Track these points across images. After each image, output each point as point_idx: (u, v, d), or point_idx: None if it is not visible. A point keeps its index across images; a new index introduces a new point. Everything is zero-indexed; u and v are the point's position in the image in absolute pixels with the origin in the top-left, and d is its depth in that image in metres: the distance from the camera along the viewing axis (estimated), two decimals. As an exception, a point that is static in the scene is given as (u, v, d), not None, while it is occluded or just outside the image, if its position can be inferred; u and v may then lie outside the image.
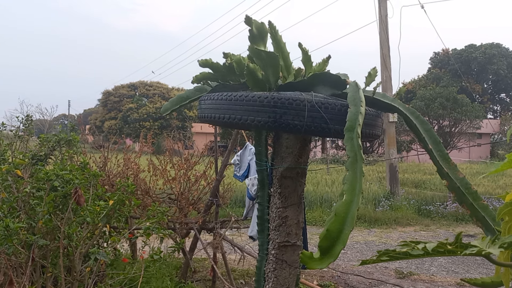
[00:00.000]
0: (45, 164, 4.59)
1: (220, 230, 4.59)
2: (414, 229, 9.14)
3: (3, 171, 2.94)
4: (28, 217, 2.78)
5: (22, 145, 4.95)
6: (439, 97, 23.01)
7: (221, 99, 1.53)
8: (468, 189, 1.40)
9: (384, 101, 1.59)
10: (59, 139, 4.85)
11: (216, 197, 4.53)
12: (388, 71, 10.87)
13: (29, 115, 5.09)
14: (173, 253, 4.07)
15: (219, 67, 1.68)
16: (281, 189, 1.70)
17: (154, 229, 3.27)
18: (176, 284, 4.68)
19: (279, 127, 1.43)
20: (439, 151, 1.47)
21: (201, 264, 5.82)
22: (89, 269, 2.98)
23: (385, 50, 10.78)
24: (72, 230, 2.79)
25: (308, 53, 1.65)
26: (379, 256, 0.78)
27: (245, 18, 1.44)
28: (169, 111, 1.85)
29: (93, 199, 3.14)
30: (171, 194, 4.76)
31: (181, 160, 4.67)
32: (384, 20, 10.63)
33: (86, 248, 3.00)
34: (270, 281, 1.70)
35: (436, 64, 38.02)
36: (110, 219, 3.15)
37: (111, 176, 4.60)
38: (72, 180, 2.94)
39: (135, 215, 4.48)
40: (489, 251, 0.70)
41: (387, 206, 10.53)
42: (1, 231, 2.51)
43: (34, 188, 2.91)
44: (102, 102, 37.96)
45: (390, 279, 5.99)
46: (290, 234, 1.69)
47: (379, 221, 9.57)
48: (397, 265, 6.49)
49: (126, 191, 3.17)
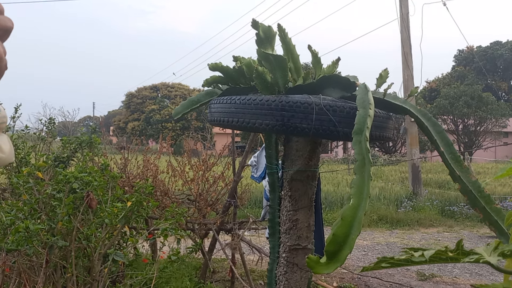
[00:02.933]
0: (67, 166, 4.70)
1: (238, 231, 4.60)
2: (437, 230, 8.98)
3: (25, 173, 3.02)
4: (49, 218, 2.84)
5: (45, 147, 5.06)
6: (464, 95, 22.53)
7: (230, 102, 1.54)
8: (480, 192, 1.37)
9: (395, 102, 1.57)
10: (80, 141, 4.95)
11: (234, 198, 4.54)
12: (409, 70, 10.70)
13: (52, 117, 5.20)
14: (191, 253, 4.10)
15: (229, 70, 1.69)
16: (292, 192, 1.69)
17: (171, 230, 3.31)
18: (196, 284, 4.71)
19: (287, 130, 1.43)
20: (451, 153, 1.44)
21: (221, 264, 5.84)
22: (107, 269, 3.03)
23: (407, 49, 10.62)
24: (90, 231, 2.84)
25: (317, 56, 1.65)
26: (378, 263, 0.77)
27: (252, 22, 1.44)
28: (180, 114, 1.87)
29: (112, 200, 3.19)
30: (190, 195, 4.80)
31: (199, 162, 4.70)
32: (405, 19, 10.47)
33: (105, 249, 3.05)
34: (281, 284, 1.69)
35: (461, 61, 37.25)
36: (129, 220, 3.20)
37: (131, 177, 4.67)
38: (91, 182, 3.00)
39: (154, 216, 4.54)
40: (487, 259, 0.69)
41: (409, 207, 10.37)
42: (22, 233, 2.57)
43: (54, 190, 2.97)
44: (125, 104, 38.55)
45: (412, 281, 5.90)
46: (301, 237, 1.68)
47: (401, 222, 9.44)
48: (419, 267, 6.39)
49: (144, 193, 3.21)
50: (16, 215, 2.73)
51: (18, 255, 2.88)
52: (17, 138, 4.70)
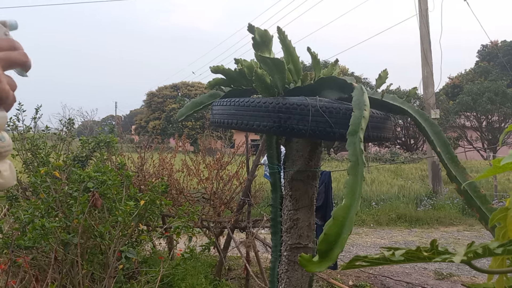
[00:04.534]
0: (85, 165, 4.82)
1: (252, 229, 4.65)
2: (457, 229, 8.85)
3: (42, 173, 3.13)
4: (65, 216, 2.94)
5: (65, 147, 5.20)
6: (487, 91, 22.04)
7: (230, 104, 1.58)
8: (476, 192, 1.38)
9: (394, 103, 1.58)
10: (98, 141, 5.08)
11: (248, 196, 4.59)
12: (429, 66, 10.56)
13: (71, 118, 5.34)
14: (205, 251, 4.17)
15: (230, 73, 1.73)
16: (292, 192, 1.72)
17: (184, 228, 3.38)
18: (211, 282, 4.78)
19: (284, 131, 1.46)
20: (448, 153, 1.45)
21: (236, 262, 5.90)
22: (122, 266, 3.11)
23: (426, 45, 10.47)
24: (104, 229, 2.92)
25: (317, 57, 1.67)
26: (352, 261, 0.79)
27: (248, 26, 1.47)
28: (184, 116, 1.92)
29: (126, 199, 3.27)
30: (205, 194, 4.87)
31: (213, 160, 4.76)
32: (425, 14, 10.33)
33: (119, 246, 3.13)
34: (282, 282, 1.73)
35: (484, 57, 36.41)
36: (142, 218, 3.28)
37: (147, 176, 4.76)
38: (106, 181, 3.09)
39: (170, 214, 4.62)
40: (452, 259, 0.71)
41: (429, 205, 10.24)
42: (38, 230, 2.67)
43: (71, 189, 3.07)
44: (146, 103, 39.05)
45: (429, 280, 5.85)
46: (301, 236, 1.71)
47: (420, 221, 9.33)
48: (436, 266, 6.33)
49: (157, 191, 3.29)
50: (33, 213, 2.84)
51: (36, 252, 2.99)
52: (38, 138, 4.85)
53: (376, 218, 9.45)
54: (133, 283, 3.21)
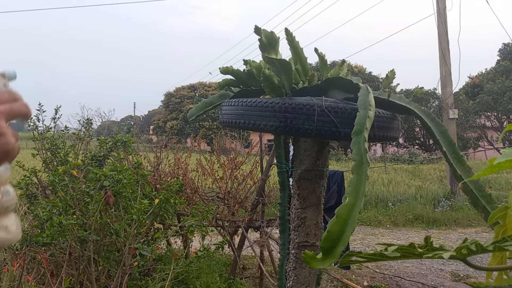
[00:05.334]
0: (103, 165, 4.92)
1: (266, 228, 4.68)
2: (476, 230, 8.72)
3: (60, 171, 3.21)
4: (82, 214, 3.02)
5: (84, 147, 5.31)
6: (509, 91, 21.61)
7: (237, 105, 1.61)
8: (481, 192, 1.38)
9: (400, 103, 1.59)
10: (115, 141, 5.17)
11: (262, 196, 4.62)
12: (447, 66, 10.42)
13: (89, 118, 5.45)
14: (218, 249, 4.21)
15: (239, 73, 1.76)
16: (300, 191, 1.75)
17: (197, 226, 3.43)
18: (225, 280, 4.82)
19: (290, 131, 1.48)
20: (454, 153, 1.46)
21: (251, 261, 5.93)
22: (137, 263, 3.18)
23: (444, 44, 10.34)
24: (120, 226, 2.99)
25: (324, 58, 1.69)
26: (346, 257, 0.82)
27: (254, 28, 1.50)
28: (194, 116, 1.96)
29: (141, 198, 3.33)
30: (219, 193, 4.92)
31: (227, 160, 4.81)
32: (443, 13, 10.20)
33: (135, 244, 3.20)
34: (290, 280, 1.75)
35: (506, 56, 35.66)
36: (156, 216, 3.34)
37: (162, 175, 4.84)
38: (121, 180, 3.16)
39: (185, 213, 4.68)
40: (442, 255, 0.73)
41: (447, 206, 10.11)
42: (56, 227, 2.75)
43: (88, 187, 3.15)
44: (164, 103, 39.44)
45: (445, 281, 5.79)
46: (309, 235, 1.74)
47: (438, 222, 9.23)
48: (453, 268, 6.26)
49: (171, 190, 3.34)
50: (51, 210, 2.92)
51: (54, 249, 3.08)
52: (57, 138, 4.96)
53: (392, 219, 9.38)
54: (148, 280, 3.27)
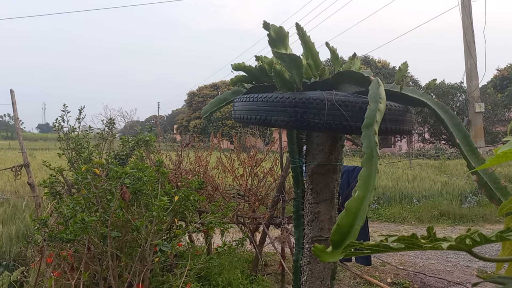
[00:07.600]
0: (126, 163, 5.01)
1: (287, 225, 4.68)
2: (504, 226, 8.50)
3: (83, 170, 3.30)
4: (104, 211, 3.09)
5: (107, 146, 5.42)
6: (539, 83, 20.95)
7: (249, 100, 1.63)
8: (497, 184, 1.35)
9: (413, 96, 1.57)
10: (137, 140, 5.26)
11: (282, 193, 4.62)
12: (472, 58, 10.17)
13: (112, 118, 5.56)
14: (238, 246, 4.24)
15: (251, 69, 1.77)
16: (313, 185, 1.75)
17: (217, 223, 3.47)
18: (247, 277, 4.85)
19: (301, 125, 1.49)
20: (468, 145, 1.43)
21: (273, 258, 5.95)
22: (158, 259, 3.24)
23: (469, 37, 10.10)
24: (141, 223, 3.05)
25: (335, 52, 1.69)
26: (347, 247, 0.82)
27: (263, 23, 1.51)
28: (208, 112, 1.99)
29: (162, 195, 3.39)
30: (240, 190, 4.95)
31: (247, 158, 4.83)
32: (467, 5, 9.96)
33: (156, 240, 3.25)
34: (305, 274, 1.76)
35: (537, 46, 34.48)
36: (177, 213, 3.39)
37: (183, 173, 4.89)
38: (142, 178, 3.22)
39: (206, 210, 4.73)
40: (441, 245, 0.72)
41: (474, 202, 9.89)
42: (79, 224, 2.83)
43: (110, 185, 3.22)
44: (187, 103, 39.81)
45: (472, 278, 5.68)
46: (323, 229, 1.74)
47: (464, 218, 9.04)
48: (480, 265, 6.14)
49: (190, 188, 3.38)
50: (75, 208, 3.00)
51: (77, 245, 3.16)
52: (82, 138, 5.08)
53: (417, 215, 9.24)
54: (169, 275, 3.32)
